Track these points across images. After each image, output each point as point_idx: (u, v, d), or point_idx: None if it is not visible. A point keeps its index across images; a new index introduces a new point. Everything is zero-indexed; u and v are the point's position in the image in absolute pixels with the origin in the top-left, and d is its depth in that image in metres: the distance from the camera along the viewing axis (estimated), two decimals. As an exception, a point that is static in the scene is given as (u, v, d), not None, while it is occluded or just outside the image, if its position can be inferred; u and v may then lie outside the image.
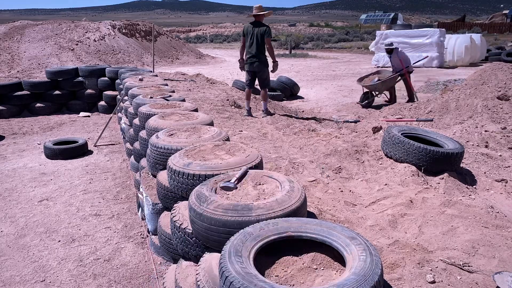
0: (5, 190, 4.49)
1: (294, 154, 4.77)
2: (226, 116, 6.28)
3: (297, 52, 24.63)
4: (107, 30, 18.13)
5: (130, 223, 3.74)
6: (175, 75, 10.55)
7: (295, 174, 4.11)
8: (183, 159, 2.54)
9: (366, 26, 51.69)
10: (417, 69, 14.34)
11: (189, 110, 4.18)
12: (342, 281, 1.39)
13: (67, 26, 17.70)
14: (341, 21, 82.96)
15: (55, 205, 4.10)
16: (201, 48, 27.99)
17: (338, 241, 1.67)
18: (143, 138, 3.87)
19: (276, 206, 1.94)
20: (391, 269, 2.12)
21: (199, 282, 1.74)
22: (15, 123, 7.69)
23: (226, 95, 8.18)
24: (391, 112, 7.62)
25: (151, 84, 6.16)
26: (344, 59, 20.84)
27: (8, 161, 5.56)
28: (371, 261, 1.48)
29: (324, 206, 3.27)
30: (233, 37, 42.02)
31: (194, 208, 1.99)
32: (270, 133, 5.59)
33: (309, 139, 5.18)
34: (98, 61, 14.78)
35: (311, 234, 1.74)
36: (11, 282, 2.83)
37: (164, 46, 20.32)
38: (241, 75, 14.72)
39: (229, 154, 2.68)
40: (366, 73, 10.81)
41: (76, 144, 5.80)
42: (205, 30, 51.81)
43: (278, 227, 1.76)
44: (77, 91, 8.92)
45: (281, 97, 10.38)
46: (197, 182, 2.34)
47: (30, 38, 16.03)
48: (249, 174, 2.35)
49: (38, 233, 3.52)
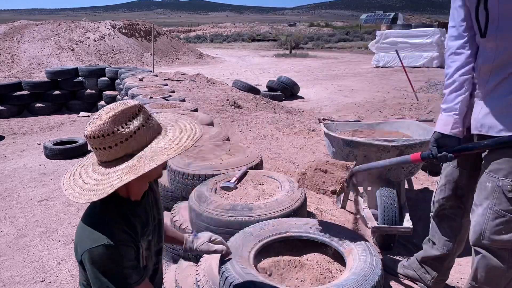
0: (5, 190, 4.49)
1: (294, 154, 4.77)
2: (226, 116, 6.28)
3: (297, 52, 24.63)
4: (107, 30, 18.13)
5: (130, 223, 3.73)
6: (175, 75, 10.56)
7: (295, 174, 4.11)
8: (183, 159, 2.55)
9: (366, 26, 51.70)
10: (417, 69, 14.34)
11: (189, 110, 4.18)
12: (342, 281, 1.39)
13: (67, 26, 17.70)
14: (341, 21, 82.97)
15: (55, 205, 4.10)
16: (201, 48, 28.00)
17: (338, 241, 1.67)
18: (143, 138, 3.86)
19: (276, 206, 1.94)
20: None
21: (199, 282, 1.74)
22: (15, 123, 7.69)
23: (226, 95, 8.19)
24: (391, 112, 7.63)
25: (151, 84, 6.17)
26: (344, 59, 20.84)
27: (8, 161, 5.56)
28: (371, 261, 1.48)
29: (324, 206, 3.27)
30: (233, 37, 42.01)
31: (194, 208, 1.99)
32: (270, 133, 5.59)
33: (309, 139, 5.18)
34: (98, 61, 14.78)
35: (311, 234, 1.74)
36: (11, 282, 2.83)
37: (164, 46, 20.33)
38: (241, 75, 14.74)
39: (229, 154, 2.68)
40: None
41: (76, 144, 5.80)
42: (205, 30, 51.81)
43: (278, 227, 1.76)
44: (77, 91, 8.91)
45: (281, 97, 10.38)
46: (197, 182, 2.34)
47: (30, 38, 16.03)
48: (249, 174, 2.35)
49: (38, 233, 3.52)
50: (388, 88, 11.08)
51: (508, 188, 1.54)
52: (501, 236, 1.58)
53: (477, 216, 1.65)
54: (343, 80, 13.34)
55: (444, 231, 1.97)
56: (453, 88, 1.70)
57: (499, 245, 1.60)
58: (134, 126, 1.12)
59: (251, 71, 16.31)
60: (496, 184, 1.58)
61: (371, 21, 60.56)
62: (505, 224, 1.57)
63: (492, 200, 1.59)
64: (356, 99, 9.65)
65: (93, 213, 1.22)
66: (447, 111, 1.70)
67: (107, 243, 1.12)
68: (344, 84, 12.37)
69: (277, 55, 23.42)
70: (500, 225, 1.57)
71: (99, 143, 1.12)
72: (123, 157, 1.13)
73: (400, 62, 9.68)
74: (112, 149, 1.12)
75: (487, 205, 1.61)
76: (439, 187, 1.95)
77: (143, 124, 1.14)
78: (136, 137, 1.12)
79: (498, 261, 1.62)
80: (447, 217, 1.94)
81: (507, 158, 1.55)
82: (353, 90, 11.22)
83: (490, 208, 1.59)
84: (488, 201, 1.61)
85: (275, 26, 56.25)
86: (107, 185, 1.11)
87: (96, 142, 1.12)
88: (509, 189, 1.54)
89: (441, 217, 1.98)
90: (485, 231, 1.61)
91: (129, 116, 1.12)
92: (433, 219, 2.04)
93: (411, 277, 2.17)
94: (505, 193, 1.55)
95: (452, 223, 1.93)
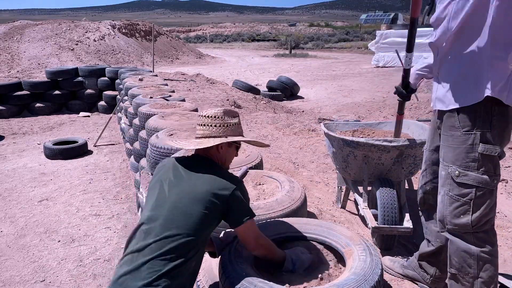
0: (5, 190, 4.49)
1: (294, 154, 4.77)
2: (226, 116, 6.27)
3: (297, 52, 24.63)
4: (107, 30, 18.13)
5: (130, 223, 3.73)
6: (175, 75, 10.56)
7: (295, 174, 4.11)
8: (183, 159, 2.54)
9: (366, 26, 51.70)
10: (417, 69, 14.34)
11: (189, 110, 4.18)
12: (342, 281, 1.39)
13: (67, 26, 17.70)
14: (341, 21, 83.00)
15: (55, 205, 4.10)
16: (201, 48, 28.01)
17: (338, 241, 1.67)
18: (143, 138, 3.86)
19: (276, 206, 1.94)
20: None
21: (199, 282, 1.74)
22: (15, 123, 7.69)
23: (226, 95, 8.19)
24: (391, 112, 7.63)
25: (151, 84, 6.16)
26: (344, 59, 20.84)
27: (8, 161, 5.56)
28: (371, 261, 1.48)
29: (324, 206, 3.27)
30: (233, 37, 42.02)
31: (194, 208, 1.99)
32: (270, 133, 5.59)
33: (309, 139, 5.18)
34: (98, 61, 14.78)
35: (311, 235, 1.74)
36: (11, 282, 2.83)
37: (164, 46, 20.33)
38: (241, 75, 14.74)
39: (229, 154, 2.68)
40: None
41: (76, 144, 5.80)
42: (205, 30, 51.82)
43: (278, 227, 1.76)
44: (77, 91, 8.92)
45: (281, 97, 10.38)
46: (197, 182, 2.34)
47: (30, 38, 16.03)
48: (249, 174, 2.35)
49: (38, 233, 3.52)
50: (388, 88, 11.07)
51: (456, 173, 1.68)
52: (460, 220, 1.69)
53: (439, 203, 1.78)
54: (343, 80, 13.34)
55: (434, 222, 2.01)
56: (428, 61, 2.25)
57: (460, 228, 1.71)
58: (234, 121, 1.64)
59: (251, 71, 16.32)
60: (447, 171, 1.72)
61: (371, 21, 60.56)
62: (460, 207, 1.69)
63: (447, 187, 1.72)
64: (356, 99, 9.65)
65: (213, 166, 1.58)
66: (417, 70, 2.37)
67: (242, 182, 1.56)
68: (344, 84, 12.37)
69: (277, 55, 23.42)
70: (456, 209, 1.70)
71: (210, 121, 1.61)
72: (221, 136, 1.60)
73: (400, 62, 9.67)
74: (215, 128, 1.60)
75: (444, 192, 1.74)
76: (421, 174, 2.07)
77: (238, 122, 1.66)
78: (232, 128, 1.62)
79: (466, 243, 1.71)
80: (433, 208, 1.99)
81: (451, 147, 1.70)
82: (353, 90, 11.22)
83: (446, 194, 1.73)
84: (444, 187, 1.74)
85: (275, 26, 56.27)
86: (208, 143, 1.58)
87: (209, 120, 1.61)
88: (456, 174, 1.67)
89: (428, 209, 2.06)
90: (446, 216, 1.74)
91: (232, 115, 1.65)
92: (422, 215, 2.12)
93: (411, 277, 2.17)
94: (454, 179, 1.69)
95: None
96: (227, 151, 1.64)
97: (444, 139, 1.76)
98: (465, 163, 1.66)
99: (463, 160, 1.66)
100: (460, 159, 1.67)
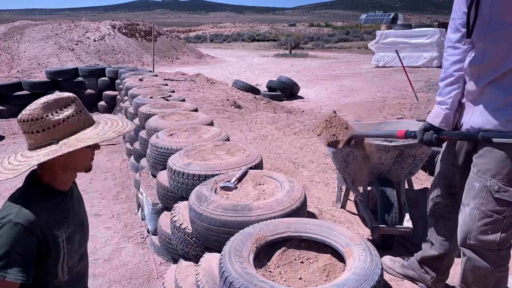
0: (5, 190, 4.49)
1: (294, 154, 4.77)
2: (226, 116, 6.28)
3: (297, 52, 24.62)
4: (107, 30, 18.12)
5: (130, 223, 3.73)
6: (175, 75, 10.56)
7: (295, 174, 4.11)
8: (183, 159, 2.54)
9: (366, 26, 51.69)
10: (417, 69, 14.34)
11: (189, 110, 4.18)
12: (342, 281, 1.39)
13: (67, 26, 17.70)
14: (341, 21, 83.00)
15: (55, 205, 4.10)
16: (201, 48, 27.99)
17: (338, 241, 1.67)
18: (143, 138, 3.86)
19: (276, 206, 1.94)
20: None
21: (199, 282, 1.74)
22: (15, 123, 7.69)
23: (226, 95, 8.19)
24: (391, 112, 7.63)
25: (151, 84, 6.16)
26: (344, 59, 20.84)
27: (8, 161, 5.56)
28: (371, 261, 1.47)
29: (324, 206, 3.27)
30: (233, 37, 42.00)
31: (194, 208, 1.99)
32: (270, 133, 5.59)
33: (309, 139, 5.18)
34: (98, 61, 14.77)
35: (311, 234, 1.74)
36: (11, 282, 2.83)
37: (164, 46, 20.32)
38: (241, 75, 14.73)
39: (229, 154, 2.68)
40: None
41: (76, 144, 5.80)
42: (205, 30, 51.81)
43: (278, 227, 1.76)
44: (77, 91, 8.91)
45: (281, 97, 10.38)
46: (197, 182, 2.34)
47: (30, 38, 16.02)
48: (249, 174, 2.35)
49: (38, 233, 3.52)
50: (388, 88, 11.08)
51: (495, 188, 1.55)
52: (487, 237, 1.59)
53: (465, 216, 1.66)
54: (343, 80, 13.34)
55: (440, 230, 1.97)
56: (448, 82, 1.74)
57: (485, 245, 1.61)
58: (64, 115, 1.19)
59: (251, 71, 16.31)
60: (483, 184, 1.59)
61: (371, 21, 60.53)
62: (491, 225, 1.58)
63: (479, 200, 1.60)
64: (356, 99, 9.65)
65: (14, 193, 1.29)
66: (440, 104, 1.76)
67: (9, 221, 1.16)
68: (344, 84, 12.37)
69: (277, 55, 23.41)
70: (486, 225, 1.59)
71: (27, 127, 1.18)
72: (49, 143, 1.19)
73: (400, 62, 9.69)
74: (40, 134, 1.18)
75: (474, 205, 1.62)
76: (433, 184, 1.98)
77: (73, 114, 1.21)
78: (64, 126, 1.19)
79: (484, 262, 1.62)
80: (442, 217, 1.95)
81: (495, 159, 1.57)
82: (353, 90, 11.21)
83: (477, 208, 1.60)
84: (476, 201, 1.61)
85: (275, 26, 56.26)
86: (26, 165, 1.18)
87: (25, 126, 1.18)
88: (496, 189, 1.55)
89: (437, 217, 1.99)
90: (472, 231, 1.62)
91: (61, 106, 1.20)
92: (429, 219, 2.05)
93: (411, 277, 2.17)
94: (492, 193, 1.56)
95: (447, 222, 1.94)
96: (70, 156, 1.20)
97: (487, 150, 1.60)
98: (509, 179, 1.54)
99: (506, 175, 1.55)
100: (503, 173, 1.55)
